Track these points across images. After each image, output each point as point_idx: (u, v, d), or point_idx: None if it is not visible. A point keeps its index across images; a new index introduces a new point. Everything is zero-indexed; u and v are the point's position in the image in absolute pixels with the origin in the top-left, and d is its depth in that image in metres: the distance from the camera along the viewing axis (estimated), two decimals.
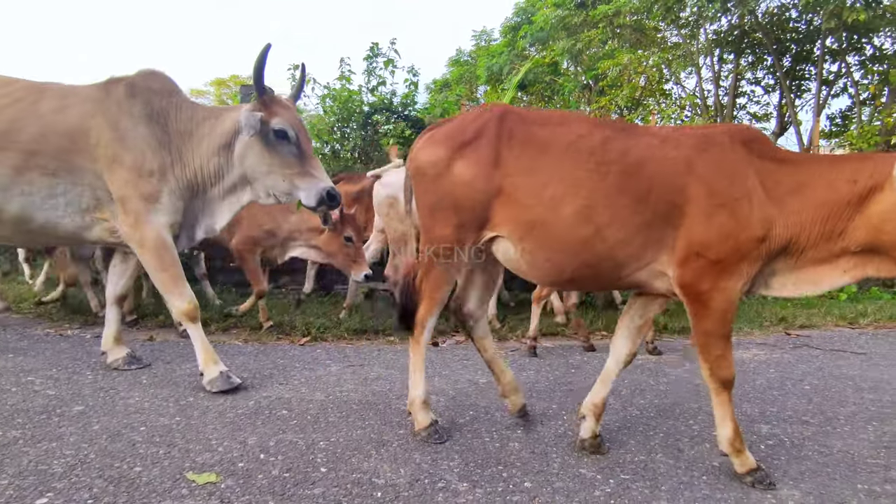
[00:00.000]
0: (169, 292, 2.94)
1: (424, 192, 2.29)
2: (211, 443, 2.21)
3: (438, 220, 2.24)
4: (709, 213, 1.91)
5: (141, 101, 2.93)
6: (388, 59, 7.11)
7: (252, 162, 2.92)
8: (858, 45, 9.36)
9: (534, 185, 2.08)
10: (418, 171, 2.29)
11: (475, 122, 2.22)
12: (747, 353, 4.21)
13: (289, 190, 2.93)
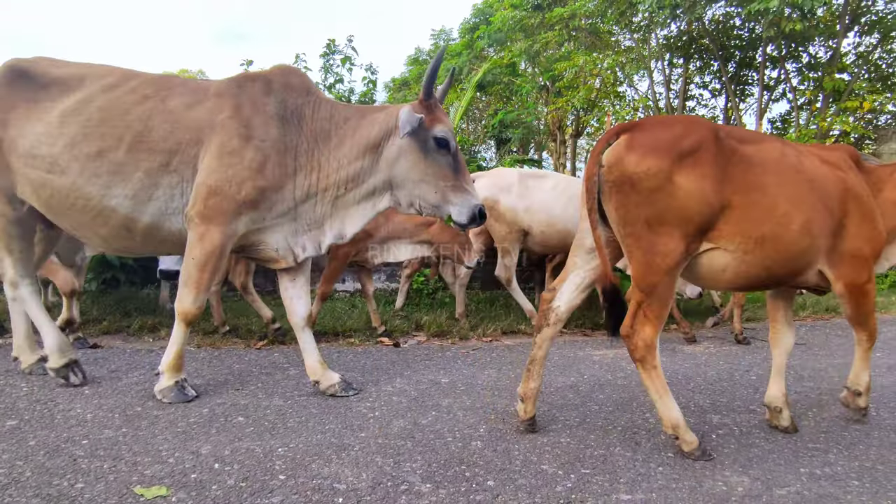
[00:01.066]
0: (189, 288, 2.68)
1: (638, 203, 2.11)
2: (161, 454, 2.10)
3: (662, 234, 2.11)
4: (859, 224, 2.35)
5: (276, 100, 2.74)
6: (346, 57, 7.02)
7: (404, 167, 2.72)
8: (796, 53, 9.92)
9: (765, 202, 2.18)
10: (628, 180, 2.12)
11: (691, 135, 2.16)
12: (699, 346, 4.38)
13: (438, 203, 2.74)
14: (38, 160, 2.67)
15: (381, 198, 2.84)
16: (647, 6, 8.40)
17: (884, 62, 9.69)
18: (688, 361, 3.84)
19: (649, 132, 2.20)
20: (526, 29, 11.44)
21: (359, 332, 4.47)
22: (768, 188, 2.20)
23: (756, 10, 7.42)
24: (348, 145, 2.76)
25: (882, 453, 2.28)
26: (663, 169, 2.08)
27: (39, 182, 2.70)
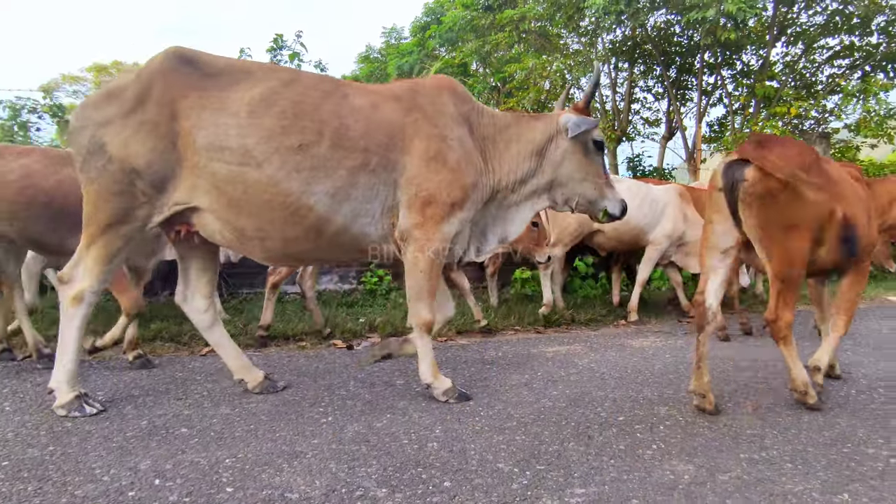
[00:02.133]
0: (421, 300, 2.74)
1: (778, 211, 2.52)
2: (94, 472, 1.96)
3: (794, 237, 2.55)
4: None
5: (451, 103, 2.80)
6: (294, 52, 6.82)
7: (569, 168, 2.93)
8: (731, 61, 10.50)
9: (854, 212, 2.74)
10: (770, 193, 2.51)
11: (808, 152, 2.70)
12: (646, 340, 4.54)
13: (596, 198, 3.00)
14: (226, 153, 2.45)
15: (540, 198, 3.02)
16: (593, 11, 8.65)
17: (807, 71, 10.40)
18: (636, 356, 3.97)
19: (782, 152, 2.61)
20: (477, 29, 11.53)
21: (310, 335, 4.36)
22: (854, 202, 2.78)
23: (694, 19, 7.79)
24: (515, 149, 2.91)
25: (811, 436, 2.42)
26: (797, 183, 2.54)
27: (228, 177, 2.46)
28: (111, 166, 2.43)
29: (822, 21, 9.51)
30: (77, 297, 2.52)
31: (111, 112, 2.45)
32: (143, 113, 2.44)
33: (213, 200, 2.51)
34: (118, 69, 20.08)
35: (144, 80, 2.47)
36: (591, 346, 4.27)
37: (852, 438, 2.40)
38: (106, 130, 2.44)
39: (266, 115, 2.49)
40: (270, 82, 2.56)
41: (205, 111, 2.47)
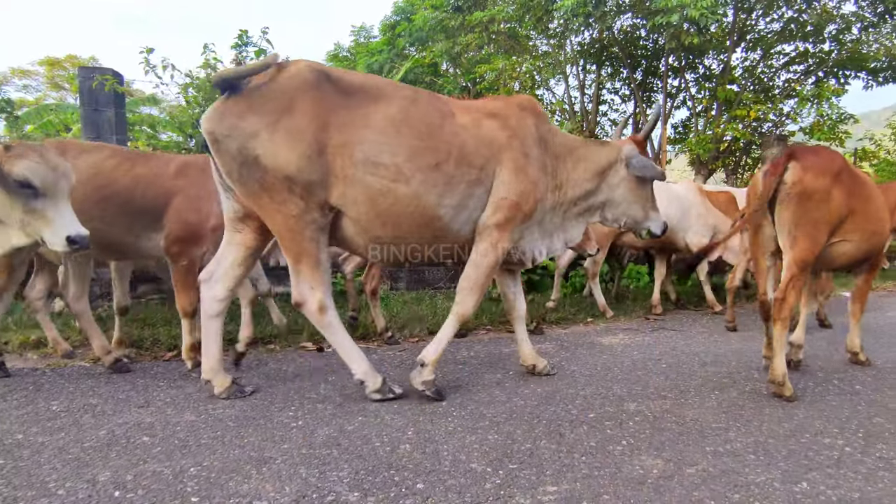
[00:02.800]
0: (473, 292, 2.97)
1: (811, 209, 2.98)
2: (48, 486, 1.86)
3: (821, 231, 3.02)
4: None
5: (533, 124, 3.07)
6: (260, 49, 6.65)
7: (624, 191, 3.30)
8: (694, 65, 10.80)
9: (868, 210, 3.22)
10: (807, 193, 2.96)
11: (837, 160, 3.13)
12: (615, 338, 4.62)
13: (643, 219, 3.39)
14: (381, 168, 2.65)
15: (593, 214, 3.38)
16: (562, 14, 8.76)
17: (765, 76, 10.80)
18: (605, 353, 4.03)
19: (817, 160, 3.06)
20: (447, 30, 11.53)
21: (279, 337, 4.27)
22: (869, 201, 3.25)
23: (659, 24, 7.98)
24: (582, 169, 3.23)
25: (772, 428, 2.51)
26: (827, 186, 2.99)
27: (381, 190, 2.67)
28: (269, 177, 2.52)
29: (779, 28, 9.90)
30: (321, 309, 2.72)
31: (257, 124, 2.50)
32: (290, 122, 2.52)
33: (360, 210, 2.69)
34: (73, 63, 19.28)
35: (287, 93, 2.56)
36: (562, 345, 4.32)
37: (810, 429, 2.50)
38: (256, 143, 2.50)
39: (407, 134, 2.72)
40: (401, 101, 2.78)
41: (355, 128, 2.64)
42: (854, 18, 9.32)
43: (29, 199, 2.48)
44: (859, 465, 2.12)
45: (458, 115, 2.91)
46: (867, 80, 10.32)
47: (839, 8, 9.30)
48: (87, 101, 6.01)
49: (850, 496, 1.89)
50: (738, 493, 1.89)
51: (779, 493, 1.90)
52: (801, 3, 9.16)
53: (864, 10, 9.22)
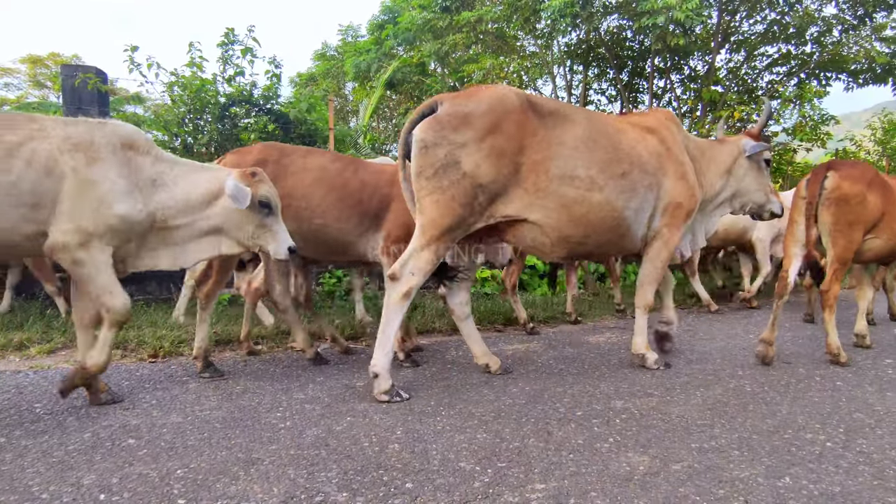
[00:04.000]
0: (650, 285, 3.57)
1: (848, 212, 3.54)
2: (31, 490, 1.83)
3: (856, 232, 3.57)
4: None
5: (678, 133, 3.59)
6: (246, 48, 6.60)
7: (749, 181, 3.82)
8: (679, 66, 10.92)
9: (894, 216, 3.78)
10: (844, 198, 3.53)
11: (869, 171, 3.68)
12: (602, 336, 4.66)
13: (765, 202, 3.90)
14: (577, 181, 3.08)
15: (725, 207, 3.88)
16: (549, 14, 8.80)
17: (749, 77, 10.95)
18: (593, 352, 4.07)
19: (854, 170, 3.60)
20: (434, 30, 11.53)
21: (265, 338, 4.24)
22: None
23: (645, 25, 8.05)
24: (714, 168, 3.74)
25: (756, 424, 2.55)
26: (863, 192, 3.54)
27: (577, 199, 3.09)
28: (464, 181, 2.86)
29: (762, 30, 10.04)
30: (407, 294, 2.89)
31: (467, 136, 2.87)
32: (495, 140, 2.90)
33: (552, 217, 3.08)
34: (55, 61, 18.96)
35: (497, 114, 2.93)
36: (550, 344, 4.34)
37: (792, 425, 2.54)
38: (462, 151, 2.86)
39: (596, 150, 3.14)
40: (584, 121, 3.19)
41: (551, 146, 3.04)
42: (835, 21, 9.48)
43: (263, 217, 2.85)
44: (840, 460, 2.17)
45: (626, 131, 3.38)
46: (848, 82, 10.51)
47: (820, 10, 9.46)
48: (70, 99, 5.92)
49: (831, 490, 1.93)
50: (722, 489, 1.92)
51: (762, 488, 1.93)
52: (783, 5, 9.30)
53: (844, 12, 9.38)
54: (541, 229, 3.11)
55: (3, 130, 2.39)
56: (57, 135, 2.48)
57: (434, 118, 2.90)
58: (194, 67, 6.39)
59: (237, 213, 2.81)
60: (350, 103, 17.09)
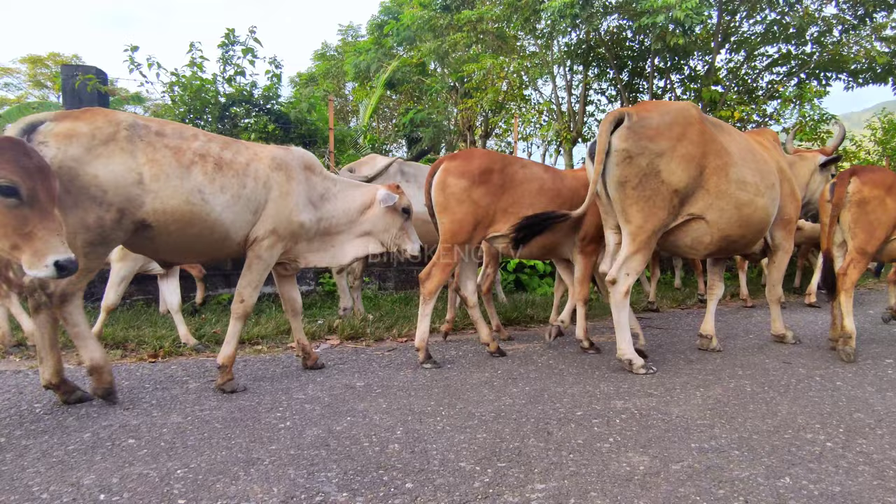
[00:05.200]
0: (778, 283, 4.22)
1: (868, 212, 3.80)
2: (32, 490, 1.83)
3: (878, 229, 3.81)
4: None
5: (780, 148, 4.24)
6: (247, 48, 6.60)
7: (813, 189, 4.55)
8: (679, 66, 10.90)
9: None
10: (864, 201, 3.80)
11: (890, 176, 3.86)
12: (602, 336, 4.66)
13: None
14: (748, 185, 3.55)
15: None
16: (549, 14, 8.80)
17: (749, 77, 10.94)
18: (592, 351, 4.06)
19: (872, 175, 3.86)
20: (434, 29, 11.53)
21: (266, 338, 4.25)
22: None
23: (645, 25, 8.05)
24: (802, 180, 4.51)
25: (756, 424, 2.55)
26: (882, 194, 3.81)
27: (747, 202, 3.55)
28: (663, 187, 3.28)
29: (762, 30, 10.02)
30: (627, 293, 3.41)
31: (663, 145, 3.28)
32: (685, 148, 3.31)
33: (724, 217, 3.49)
34: (55, 61, 18.96)
35: (683, 124, 3.36)
36: (550, 344, 4.34)
37: (792, 425, 2.54)
38: (661, 160, 3.27)
39: (754, 160, 3.67)
40: (738, 135, 3.77)
41: (727, 154, 3.49)
42: (835, 21, 9.47)
43: (404, 221, 3.48)
44: (840, 460, 2.17)
45: (759, 147, 3.89)
46: (848, 82, 10.49)
47: (820, 10, 9.45)
48: (70, 99, 5.93)
49: (831, 490, 1.93)
50: (722, 489, 1.92)
51: (762, 488, 1.93)
52: (783, 5, 9.29)
53: (844, 12, 9.37)
54: (709, 228, 3.50)
55: (233, 154, 2.97)
56: (266, 156, 3.07)
57: (631, 129, 3.26)
58: (195, 67, 6.39)
59: (384, 219, 3.44)
60: (350, 103, 17.09)
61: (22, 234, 2.05)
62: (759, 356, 3.91)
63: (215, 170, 2.82)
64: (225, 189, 2.84)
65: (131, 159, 2.59)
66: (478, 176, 3.59)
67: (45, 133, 2.44)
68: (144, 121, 2.75)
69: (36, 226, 2.07)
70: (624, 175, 3.27)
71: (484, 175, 3.60)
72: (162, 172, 2.65)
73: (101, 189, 2.51)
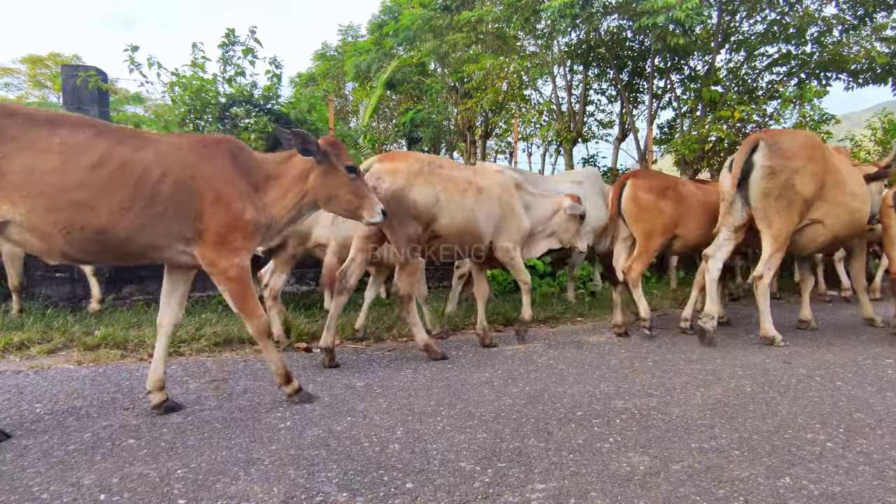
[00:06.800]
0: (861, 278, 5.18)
1: None
2: (32, 490, 1.84)
3: None
4: None
5: None
6: (248, 48, 6.59)
7: (876, 194, 4.91)
8: (679, 66, 10.89)
9: None
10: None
11: None
12: (602, 337, 4.66)
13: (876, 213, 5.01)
14: (856, 196, 4.33)
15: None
16: (549, 14, 8.79)
17: (749, 77, 10.93)
18: (593, 352, 4.07)
19: None
20: (434, 29, 11.51)
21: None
22: None
23: (645, 25, 8.04)
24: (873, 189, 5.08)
25: (756, 424, 2.55)
26: None
27: (856, 209, 4.33)
28: (797, 198, 4.08)
29: (762, 30, 10.00)
30: (769, 283, 4.22)
31: (798, 164, 4.07)
32: (813, 167, 4.11)
33: (838, 221, 4.27)
34: (56, 61, 18.97)
35: (811, 148, 4.16)
36: (550, 344, 4.34)
37: (792, 425, 2.54)
38: (796, 175, 4.07)
39: (856, 176, 4.45)
40: (838, 156, 4.42)
41: (840, 173, 4.27)
42: (835, 21, 9.46)
43: (580, 224, 4.46)
44: (840, 460, 2.17)
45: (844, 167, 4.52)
46: (848, 82, 10.48)
47: (820, 11, 9.44)
48: (71, 99, 5.92)
49: (831, 490, 1.93)
50: (722, 489, 1.92)
51: (763, 489, 1.93)
52: (783, 5, 9.29)
53: (844, 12, 9.36)
54: (824, 230, 4.28)
55: (479, 178, 3.94)
56: (495, 181, 4.03)
57: (774, 151, 4.07)
58: (196, 68, 6.39)
59: (566, 223, 4.42)
60: (350, 103, 17.09)
61: (360, 195, 2.88)
62: (759, 356, 3.91)
63: (476, 194, 3.83)
64: (483, 208, 3.87)
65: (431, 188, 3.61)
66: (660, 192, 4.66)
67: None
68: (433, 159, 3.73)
69: (365, 189, 2.92)
70: (767, 187, 4.06)
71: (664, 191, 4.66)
72: (450, 197, 3.66)
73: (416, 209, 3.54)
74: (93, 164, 2.26)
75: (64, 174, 2.20)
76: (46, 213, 2.19)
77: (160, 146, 2.45)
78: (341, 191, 2.83)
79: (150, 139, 2.48)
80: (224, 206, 2.50)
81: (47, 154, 2.20)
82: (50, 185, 2.18)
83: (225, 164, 2.56)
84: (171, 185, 2.41)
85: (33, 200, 2.17)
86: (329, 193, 2.82)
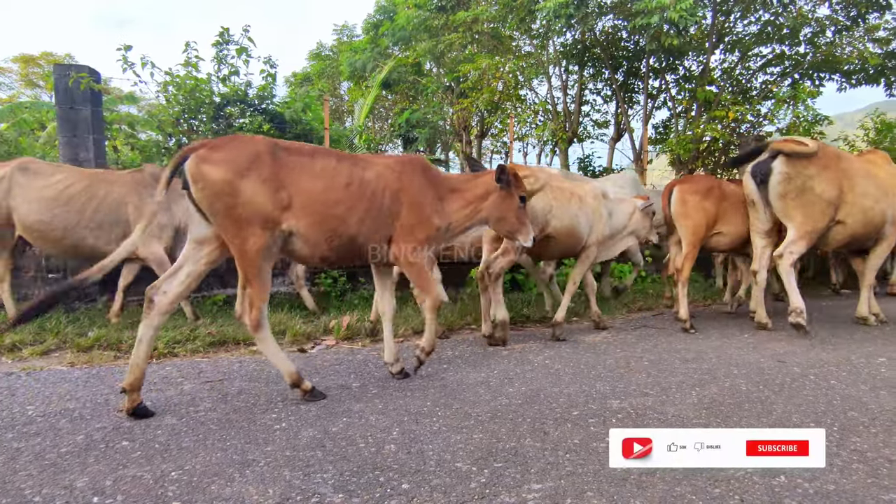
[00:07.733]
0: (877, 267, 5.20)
1: None
2: (24, 493, 1.82)
3: None
4: None
5: None
6: (241, 47, 6.56)
7: None
8: (674, 66, 10.93)
9: None
10: None
11: None
12: (598, 336, 4.66)
13: None
14: (870, 196, 4.72)
15: None
16: (544, 15, 8.80)
17: (743, 77, 10.98)
18: (589, 351, 4.07)
19: None
20: (430, 29, 11.51)
21: None
22: None
23: (640, 25, 8.06)
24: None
25: (751, 423, 2.56)
26: None
27: (871, 208, 4.74)
28: (818, 199, 4.51)
29: (756, 31, 10.05)
30: (793, 263, 4.64)
31: (812, 171, 4.50)
32: (828, 173, 4.55)
33: (856, 220, 4.70)
34: (48, 61, 18.85)
35: (824, 157, 4.58)
36: (546, 343, 4.34)
37: (787, 423, 2.55)
38: (812, 180, 4.50)
39: (870, 176, 4.82)
40: (853, 159, 4.89)
41: (853, 175, 4.68)
42: (828, 22, 9.51)
43: (651, 222, 5.13)
44: (835, 458, 2.18)
45: (870, 165, 4.94)
46: (841, 83, 10.55)
47: (814, 11, 9.50)
48: (63, 99, 5.87)
49: (826, 488, 1.93)
50: (718, 488, 1.93)
51: (758, 487, 1.93)
52: (777, 6, 9.34)
53: (837, 13, 9.42)
54: (844, 229, 4.70)
55: (576, 187, 4.55)
56: (586, 190, 4.60)
57: (789, 160, 4.51)
58: (189, 67, 6.35)
59: (641, 221, 5.05)
60: (345, 103, 17.05)
61: (522, 222, 3.37)
62: (753, 355, 3.93)
63: (579, 203, 4.41)
64: (584, 214, 4.46)
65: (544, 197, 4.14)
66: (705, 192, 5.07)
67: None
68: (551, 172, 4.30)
69: (526, 217, 3.41)
70: (784, 190, 4.52)
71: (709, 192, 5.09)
72: (559, 206, 4.23)
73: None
74: (345, 185, 2.82)
75: (328, 193, 2.77)
76: (319, 225, 2.75)
77: (377, 166, 3.01)
78: (511, 214, 3.32)
79: (369, 161, 3.04)
80: (417, 210, 3.04)
81: (316, 179, 2.76)
82: (322, 203, 2.75)
83: (419, 178, 3.10)
84: (389, 196, 2.96)
85: (311, 216, 2.72)
86: (501, 214, 3.32)
